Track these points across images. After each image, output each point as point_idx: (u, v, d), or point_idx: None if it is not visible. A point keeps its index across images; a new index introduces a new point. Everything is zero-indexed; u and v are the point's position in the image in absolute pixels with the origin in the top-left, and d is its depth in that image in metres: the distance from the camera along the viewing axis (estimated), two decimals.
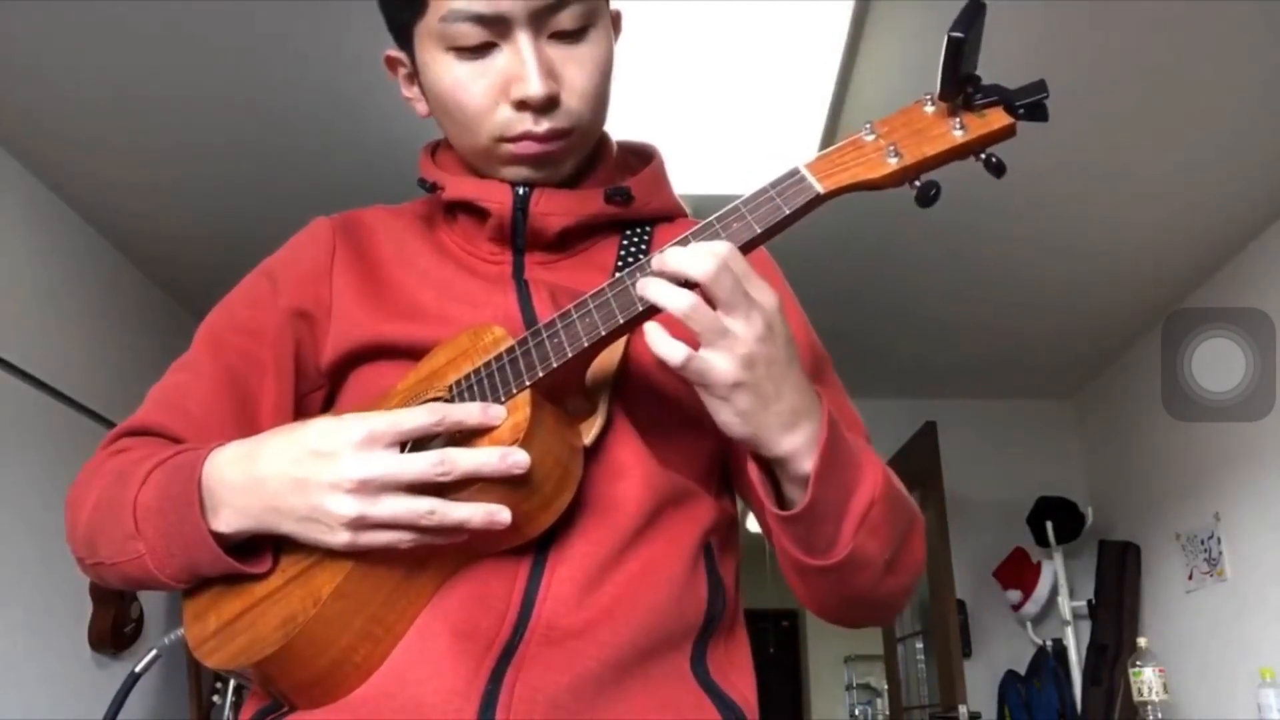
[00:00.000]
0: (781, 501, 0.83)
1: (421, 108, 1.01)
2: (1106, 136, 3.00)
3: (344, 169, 3.08)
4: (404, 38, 0.97)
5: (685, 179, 1.08)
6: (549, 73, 0.90)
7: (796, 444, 0.79)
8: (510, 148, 0.93)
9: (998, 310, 4.17)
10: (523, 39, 0.90)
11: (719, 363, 0.75)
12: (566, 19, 0.91)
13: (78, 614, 3.18)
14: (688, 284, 0.75)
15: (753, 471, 0.82)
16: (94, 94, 2.75)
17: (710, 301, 0.75)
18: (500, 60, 0.91)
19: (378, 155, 2.95)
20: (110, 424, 0.91)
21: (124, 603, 3.31)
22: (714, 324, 0.74)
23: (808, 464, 0.79)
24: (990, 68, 0.77)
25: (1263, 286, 3.57)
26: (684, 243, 0.78)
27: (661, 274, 0.76)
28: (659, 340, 0.75)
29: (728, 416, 0.78)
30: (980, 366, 4.74)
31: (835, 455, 0.80)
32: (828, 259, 3.71)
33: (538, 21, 0.90)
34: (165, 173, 3.14)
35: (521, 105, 0.91)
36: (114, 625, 3.24)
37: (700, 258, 0.74)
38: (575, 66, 0.92)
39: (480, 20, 0.89)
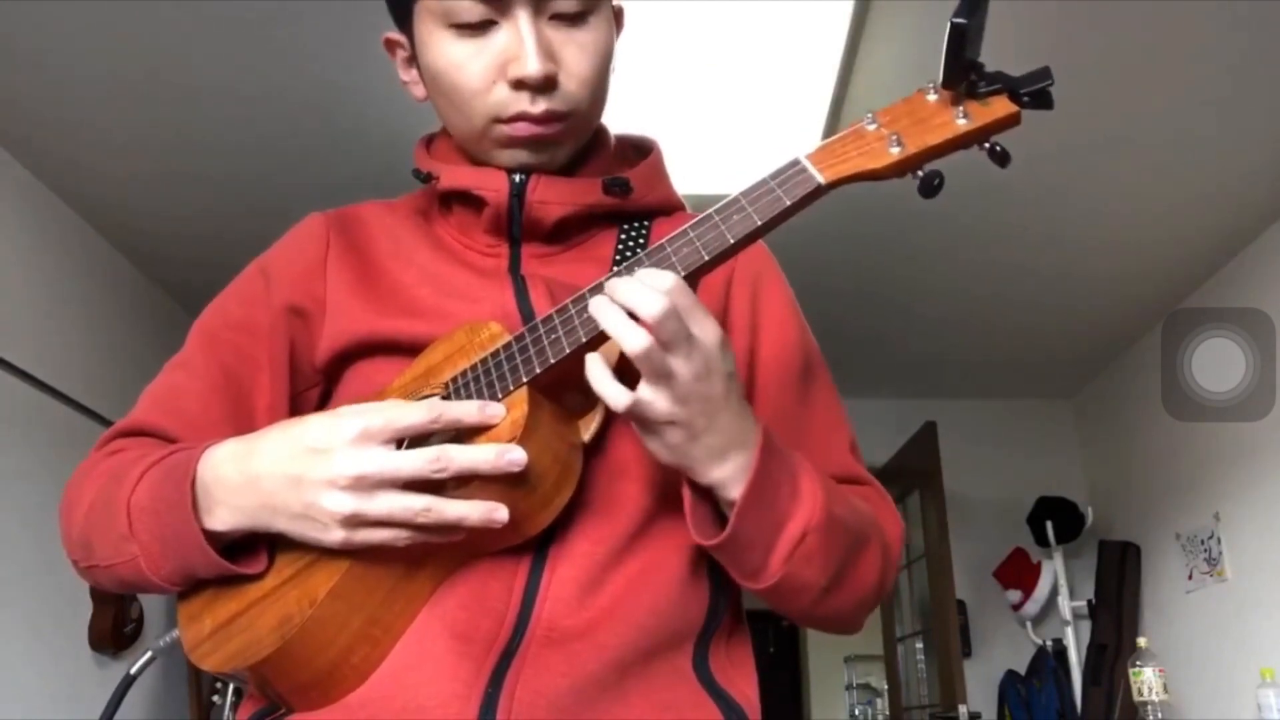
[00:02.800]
0: (705, 527, 0.83)
1: (419, 91, 1.00)
2: (1105, 136, 3.00)
3: (345, 167, 3.08)
4: (404, 17, 0.97)
5: (686, 178, 1.07)
6: (547, 53, 0.90)
7: (725, 474, 0.79)
8: (505, 129, 0.93)
9: (998, 310, 4.17)
10: (522, 18, 0.89)
11: (657, 403, 0.75)
12: (567, 2, 0.90)
13: (77, 614, 3.17)
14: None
15: (685, 495, 0.82)
16: (94, 92, 2.75)
17: (656, 339, 0.74)
18: (499, 39, 0.90)
19: (379, 152, 2.94)
20: (109, 423, 0.91)
21: (124, 603, 3.30)
22: (660, 366, 0.74)
23: (735, 491, 0.79)
24: (992, 63, 0.76)
25: (1263, 286, 3.56)
26: (684, 241, 0.78)
27: (612, 302, 0.76)
28: (603, 382, 0.76)
29: (657, 448, 0.79)
30: (980, 366, 4.73)
31: (764, 489, 0.79)
32: (828, 258, 3.71)
33: (539, 2, 0.90)
34: (165, 172, 3.13)
35: (518, 85, 0.90)
36: (114, 625, 3.24)
37: (650, 296, 0.73)
38: (575, 49, 0.92)
39: None
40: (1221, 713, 3.69)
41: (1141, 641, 3.78)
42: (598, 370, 0.77)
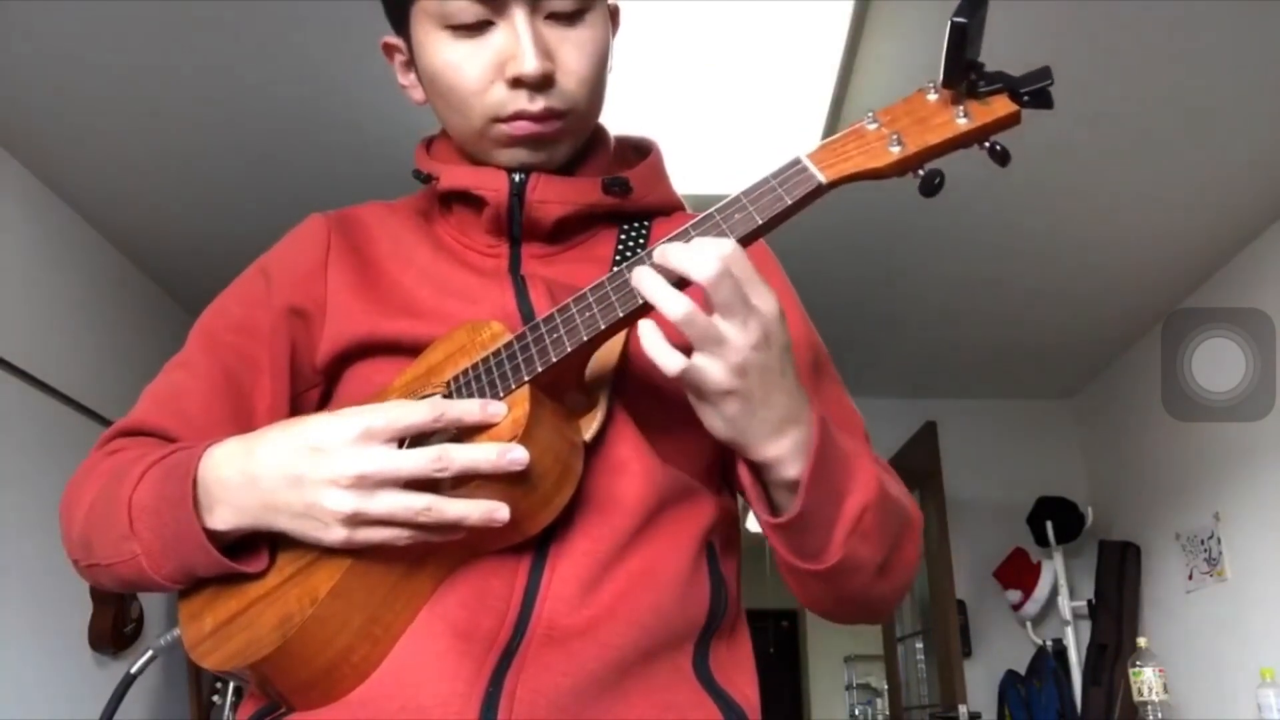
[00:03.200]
0: (772, 505, 0.83)
1: (417, 94, 1.01)
2: (1107, 136, 3.00)
3: (344, 167, 3.08)
4: (401, 20, 0.97)
5: (686, 178, 1.08)
6: (544, 51, 0.90)
7: (782, 450, 0.79)
8: (504, 128, 0.93)
9: (998, 310, 4.17)
10: (519, 17, 0.90)
11: (711, 370, 0.75)
12: (563, 1, 0.91)
13: (78, 614, 3.17)
14: (685, 282, 0.74)
15: (744, 475, 0.82)
16: (94, 93, 2.75)
17: (709, 304, 0.74)
18: (496, 39, 0.91)
19: (378, 153, 2.94)
20: (109, 423, 0.91)
21: (124, 603, 3.30)
22: (709, 331, 0.74)
23: (793, 470, 0.79)
24: (990, 65, 0.76)
25: (1263, 286, 3.56)
26: (686, 237, 0.78)
27: (662, 269, 0.75)
28: (655, 345, 0.75)
29: (714, 420, 0.78)
30: (980, 366, 4.73)
31: (826, 464, 0.79)
32: (828, 258, 3.71)
33: (534, 1, 0.90)
34: (165, 172, 3.13)
35: (516, 83, 0.91)
36: (114, 625, 3.24)
37: (704, 258, 0.73)
38: (571, 48, 0.92)
39: None
40: (1221, 713, 3.69)
41: (1141, 641, 3.78)
42: (651, 335, 0.75)
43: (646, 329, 0.75)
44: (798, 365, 0.97)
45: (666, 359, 0.74)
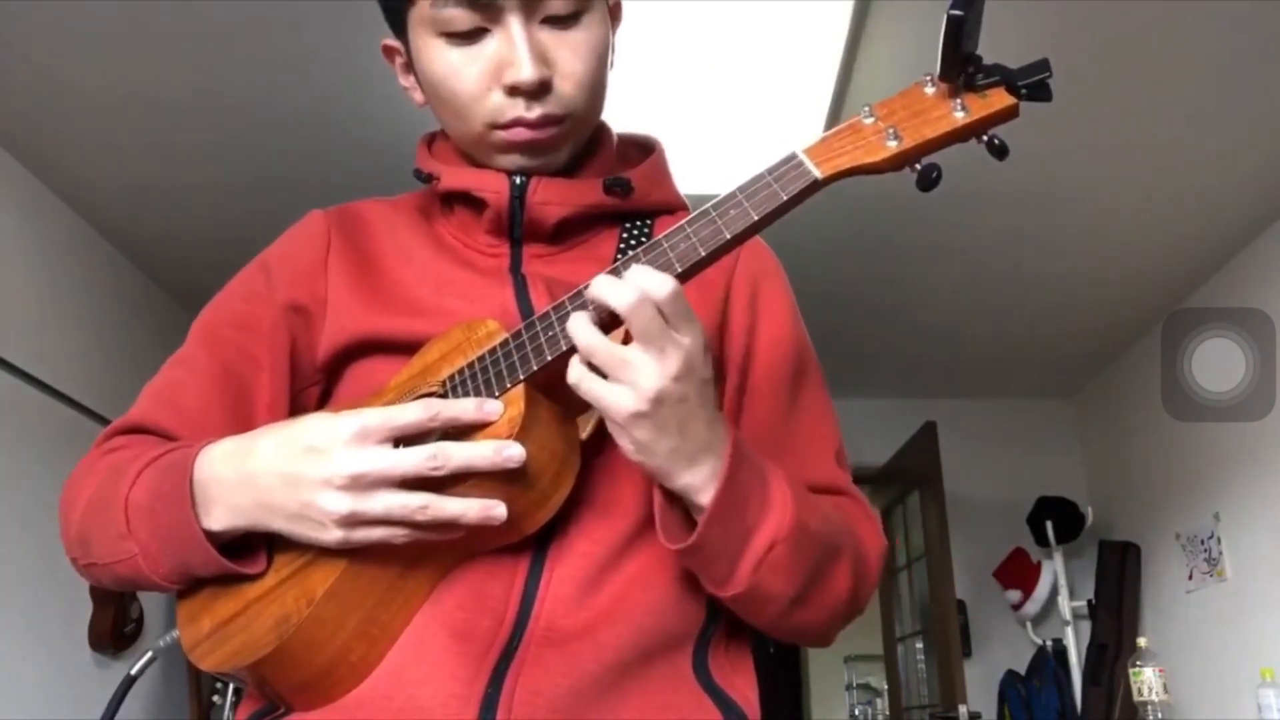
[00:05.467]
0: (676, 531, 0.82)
1: (418, 96, 1.00)
2: (1107, 136, 3.00)
3: (344, 167, 3.08)
4: (399, 25, 0.96)
5: (687, 177, 1.07)
6: (540, 57, 0.90)
7: (695, 480, 0.78)
8: (503, 134, 0.92)
9: (998, 310, 4.16)
10: (514, 23, 0.89)
11: (616, 395, 0.75)
12: (558, 4, 0.90)
13: (77, 614, 3.17)
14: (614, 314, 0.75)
15: (656, 498, 0.81)
16: (94, 94, 2.75)
17: (630, 332, 0.74)
18: (492, 45, 0.90)
19: (378, 153, 2.94)
20: (109, 423, 0.90)
21: (124, 603, 3.30)
22: (610, 358, 0.74)
23: (704, 497, 0.78)
24: (990, 60, 0.76)
25: (1263, 286, 3.56)
26: (682, 236, 0.78)
27: (589, 301, 0.76)
28: (571, 361, 0.77)
29: (624, 444, 0.77)
30: (980, 366, 4.73)
31: (733, 496, 0.78)
32: (828, 258, 3.71)
33: (529, 6, 0.89)
34: (165, 172, 3.13)
35: (513, 90, 0.90)
36: (114, 626, 3.23)
37: (621, 290, 0.73)
38: (568, 52, 0.91)
39: (471, 4, 0.88)
40: (1221, 713, 3.68)
41: (1141, 641, 3.78)
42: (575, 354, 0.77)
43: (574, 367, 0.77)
44: (781, 375, 0.96)
45: (571, 367, 0.76)
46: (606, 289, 0.74)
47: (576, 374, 0.76)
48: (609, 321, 0.76)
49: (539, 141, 0.93)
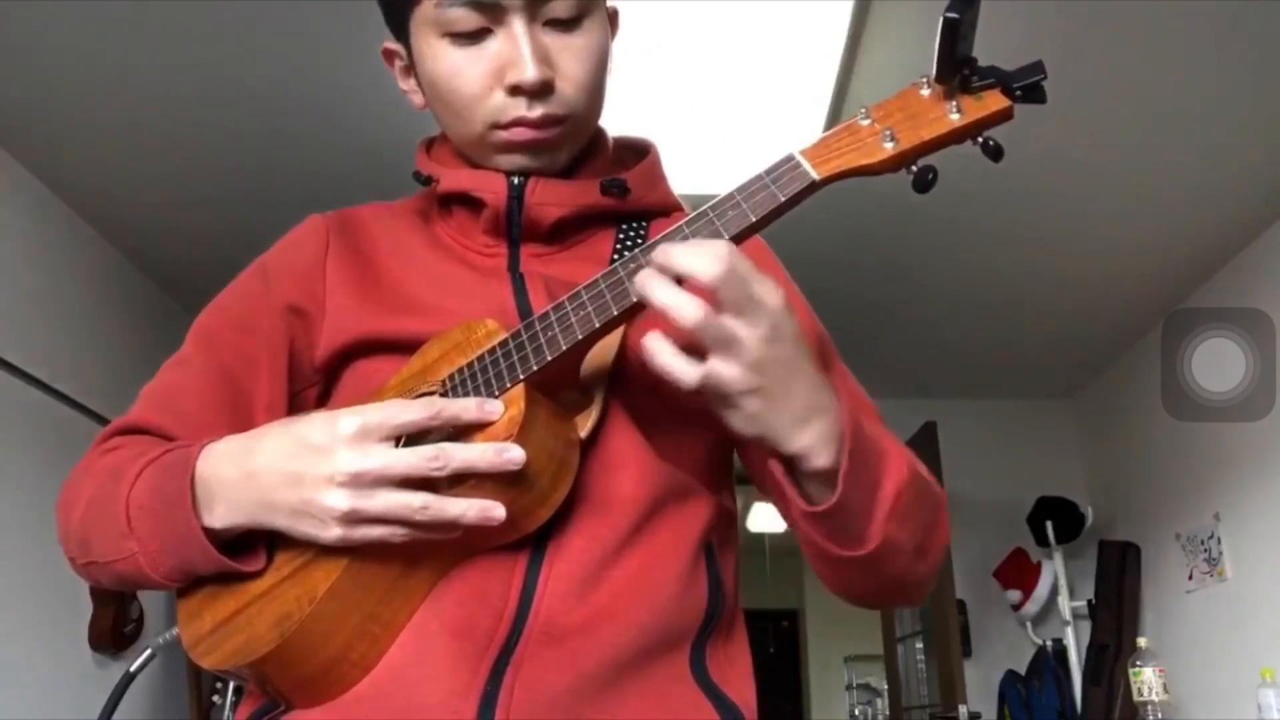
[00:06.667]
0: (805, 495, 0.82)
1: (418, 99, 1.01)
2: (1106, 136, 3.00)
3: (343, 167, 3.08)
4: (400, 27, 0.97)
5: (685, 178, 1.08)
6: (543, 59, 0.91)
7: (809, 441, 0.77)
8: (504, 134, 0.93)
9: (998, 310, 4.17)
10: (517, 25, 0.90)
11: (729, 372, 0.73)
12: (561, 7, 0.91)
13: (78, 614, 3.17)
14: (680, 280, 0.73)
15: (776, 469, 0.80)
16: (94, 92, 2.75)
17: (717, 305, 0.72)
18: (495, 46, 0.91)
19: (379, 153, 2.94)
20: (108, 423, 0.91)
21: (124, 602, 3.30)
22: (722, 333, 0.72)
23: (823, 458, 0.77)
24: (988, 61, 0.77)
25: (1263, 286, 3.56)
26: (680, 235, 0.77)
27: (664, 270, 0.74)
28: (669, 360, 0.74)
29: (737, 421, 0.76)
30: (980, 366, 4.73)
31: (860, 450, 0.78)
32: (827, 258, 3.71)
33: (533, 8, 0.90)
34: (164, 171, 3.13)
35: (515, 90, 0.91)
36: (114, 625, 3.24)
37: (708, 258, 0.71)
38: (570, 55, 0.93)
39: (476, 6, 0.89)
40: (1221, 713, 3.69)
41: (1141, 641, 3.78)
42: (662, 349, 0.74)
43: (656, 344, 0.74)
44: (812, 354, 0.97)
45: (684, 373, 0.73)
46: (691, 259, 0.72)
47: (667, 359, 0.73)
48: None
49: (540, 141, 0.94)
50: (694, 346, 0.74)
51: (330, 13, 2.48)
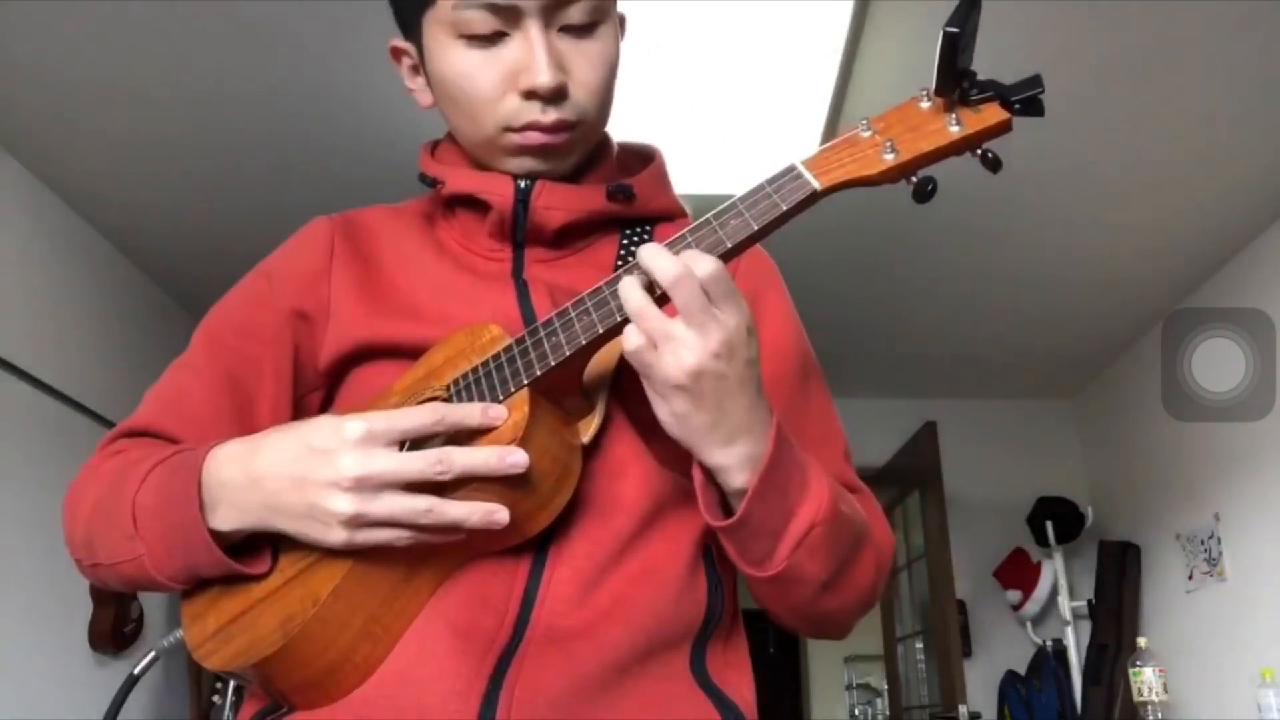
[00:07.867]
0: (726, 506, 0.83)
1: (424, 99, 1.01)
2: (1106, 136, 3.00)
3: (345, 167, 3.08)
4: (411, 27, 0.97)
5: (685, 179, 1.08)
6: (558, 64, 0.91)
7: (729, 459, 0.79)
8: (515, 138, 0.94)
9: (998, 310, 4.17)
10: (533, 29, 0.90)
11: (661, 363, 0.76)
12: (576, 13, 0.91)
13: (78, 614, 3.18)
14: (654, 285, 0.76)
15: (696, 474, 0.82)
16: (94, 93, 2.75)
17: (675, 306, 0.76)
18: (510, 50, 0.91)
19: (379, 154, 2.95)
20: (110, 424, 0.91)
21: (124, 603, 3.30)
22: (658, 327, 0.76)
23: (739, 479, 0.79)
24: (987, 68, 0.77)
25: (1263, 286, 3.57)
26: (681, 243, 0.79)
27: (639, 268, 0.78)
28: (628, 329, 0.78)
29: (663, 414, 0.79)
30: (980, 366, 4.74)
31: (776, 479, 0.80)
32: (828, 259, 3.71)
33: (549, 13, 0.91)
34: (166, 172, 3.14)
35: (530, 95, 0.91)
36: (114, 625, 3.24)
37: (669, 263, 0.75)
38: (583, 60, 0.93)
39: (493, 9, 0.90)
40: (1221, 713, 3.69)
41: (1141, 641, 3.78)
42: (630, 324, 0.78)
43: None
44: (786, 379, 0.98)
45: (628, 337, 0.77)
46: (655, 259, 0.76)
47: (634, 341, 0.77)
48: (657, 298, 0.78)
49: (551, 145, 0.94)
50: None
51: (334, 18, 2.49)
